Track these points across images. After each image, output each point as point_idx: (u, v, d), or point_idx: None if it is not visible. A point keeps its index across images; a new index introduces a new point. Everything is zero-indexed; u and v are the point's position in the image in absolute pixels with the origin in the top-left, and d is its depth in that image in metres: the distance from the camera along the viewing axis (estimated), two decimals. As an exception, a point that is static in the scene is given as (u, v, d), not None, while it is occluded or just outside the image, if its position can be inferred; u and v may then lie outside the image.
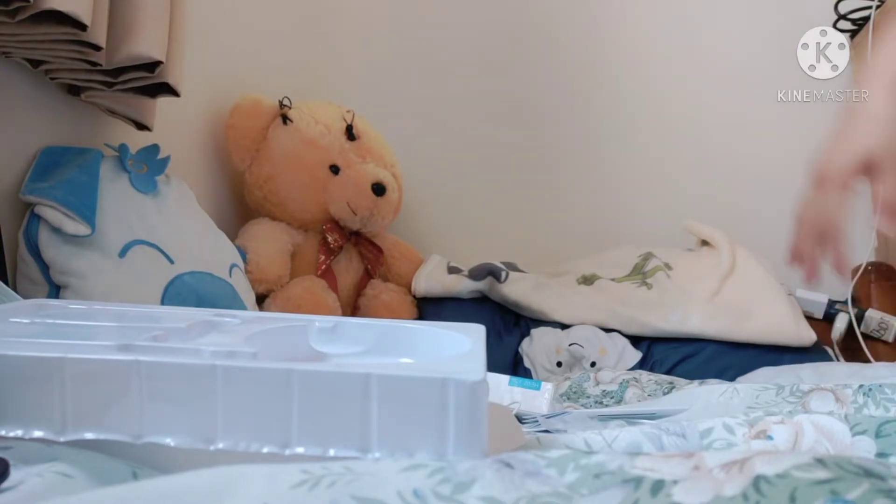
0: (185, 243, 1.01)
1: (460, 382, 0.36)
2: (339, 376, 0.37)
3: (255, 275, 1.21)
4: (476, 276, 1.25)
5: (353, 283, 1.35)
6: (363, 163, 1.33)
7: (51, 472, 0.34)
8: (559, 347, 1.13)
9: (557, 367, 1.13)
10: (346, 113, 1.37)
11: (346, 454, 0.37)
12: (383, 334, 0.52)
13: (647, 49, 1.14)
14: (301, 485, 0.31)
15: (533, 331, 1.20)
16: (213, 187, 1.34)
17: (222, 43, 1.30)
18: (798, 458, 0.30)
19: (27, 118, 0.92)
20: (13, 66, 0.88)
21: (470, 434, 0.36)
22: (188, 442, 0.37)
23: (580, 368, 1.13)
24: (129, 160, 0.99)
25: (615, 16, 1.57)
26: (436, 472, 0.33)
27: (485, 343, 0.46)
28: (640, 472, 0.32)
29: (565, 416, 0.66)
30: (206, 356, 0.39)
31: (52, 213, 0.85)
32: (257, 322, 0.51)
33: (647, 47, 1.15)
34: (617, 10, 1.57)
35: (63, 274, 0.86)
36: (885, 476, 0.28)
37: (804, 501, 0.27)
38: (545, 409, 0.76)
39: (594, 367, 1.12)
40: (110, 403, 0.38)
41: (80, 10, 0.76)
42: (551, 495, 0.32)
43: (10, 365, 0.38)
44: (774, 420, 0.48)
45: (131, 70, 0.90)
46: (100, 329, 0.49)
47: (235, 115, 1.29)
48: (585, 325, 1.17)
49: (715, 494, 0.30)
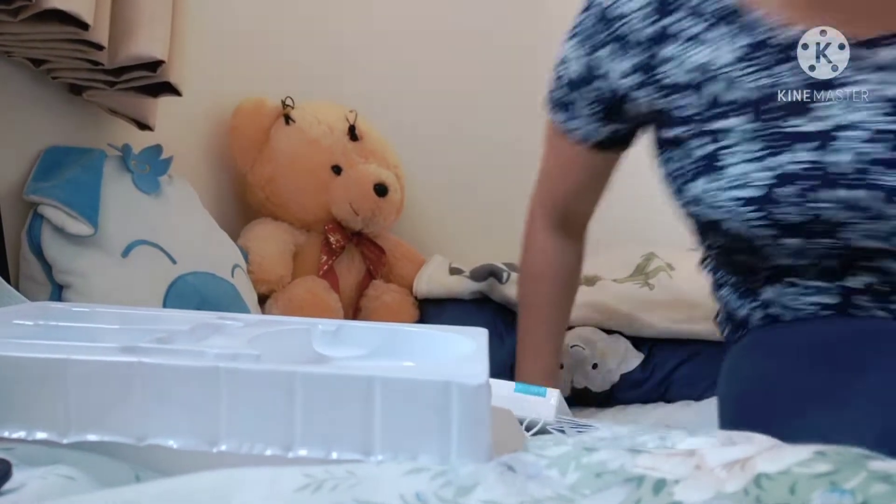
0: (188, 243, 1.01)
1: (463, 386, 0.36)
2: (342, 379, 0.37)
3: (257, 275, 1.21)
4: (477, 276, 1.25)
5: (355, 283, 1.35)
6: (365, 163, 1.33)
7: (53, 475, 0.34)
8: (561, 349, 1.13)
9: (559, 369, 1.13)
10: (349, 113, 1.37)
11: (349, 457, 0.37)
12: (386, 337, 0.52)
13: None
14: (304, 488, 0.31)
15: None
16: (215, 187, 1.34)
17: (225, 43, 1.30)
18: (799, 454, 0.30)
19: (29, 118, 0.92)
20: (15, 65, 0.88)
21: (473, 437, 0.36)
22: (191, 444, 0.37)
23: (581, 370, 1.13)
24: (132, 160, 0.99)
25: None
26: (438, 476, 0.33)
27: (487, 346, 0.46)
28: (642, 471, 0.32)
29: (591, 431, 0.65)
30: (210, 358, 0.39)
31: (55, 212, 0.85)
32: (260, 325, 0.51)
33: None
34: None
35: (65, 273, 0.86)
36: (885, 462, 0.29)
37: (804, 493, 0.28)
38: (551, 416, 0.75)
39: (595, 369, 1.12)
40: (113, 405, 0.38)
41: (82, 9, 0.76)
42: (553, 498, 0.32)
43: (13, 366, 0.38)
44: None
45: (133, 69, 0.90)
46: (103, 331, 0.50)
47: (238, 116, 1.29)
48: (586, 327, 1.17)
49: (716, 492, 0.30)
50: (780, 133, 0.65)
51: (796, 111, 0.65)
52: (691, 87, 0.71)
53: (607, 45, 0.76)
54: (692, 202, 0.72)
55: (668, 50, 0.72)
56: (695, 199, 0.71)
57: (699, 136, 0.70)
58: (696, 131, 0.71)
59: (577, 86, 0.82)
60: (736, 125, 0.67)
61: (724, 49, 0.68)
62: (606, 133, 0.84)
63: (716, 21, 0.69)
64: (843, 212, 0.63)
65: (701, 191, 0.70)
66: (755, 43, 0.67)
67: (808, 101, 0.65)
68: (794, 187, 0.64)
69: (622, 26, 0.74)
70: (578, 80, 0.82)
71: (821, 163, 0.63)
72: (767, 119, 0.66)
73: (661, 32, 0.72)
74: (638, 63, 0.74)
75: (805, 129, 0.64)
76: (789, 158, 0.64)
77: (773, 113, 0.66)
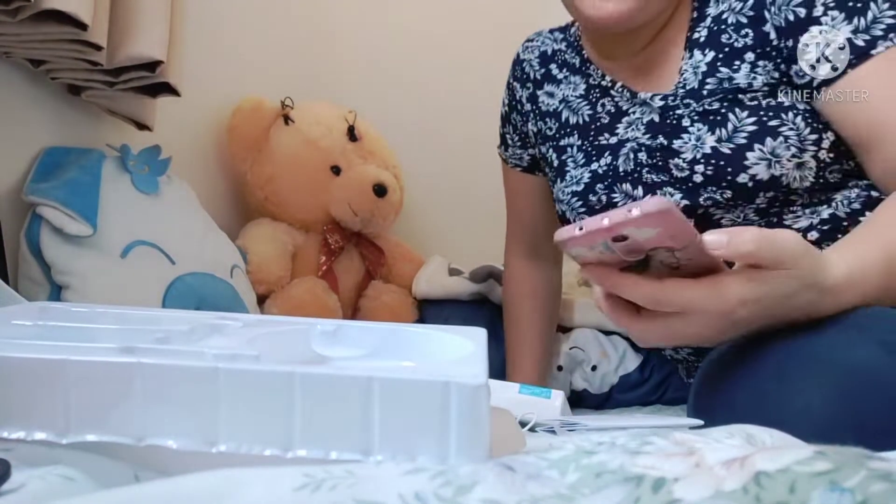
0: (187, 244, 1.01)
1: (462, 386, 0.36)
2: (342, 379, 0.37)
3: (256, 276, 1.21)
4: (477, 278, 1.25)
5: (355, 284, 1.35)
6: (365, 164, 1.33)
7: (52, 475, 0.34)
8: (559, 351, 1.13)
9: (558, 372, 1.13)
10: (348, 114, 1.37)
11: (348, 457, 0.37)
12: (385, 338, 0.52)
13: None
14: (303, 488, 0.31)
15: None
16: (214, 188, 1.34)
17: (224, 43, 1.30)
18: (799, 453, 0.30)
19: (28, 118, 0.92)
20: (14, 65, 0.88)
21: (472, 437, 0.36)
22: (190, 444, 0.37)
23: (581, 372, 1.13)
24: (130, 161, 0.99)
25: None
26: (437, 476, 0.33)
27: (486, 347, 0.46)
28: (642, 471, 0.32)
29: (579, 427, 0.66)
30: (209, 359, 0.39)
31: (54, 213, 0.85)
32: (259, 325, 0.51)
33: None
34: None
35: (64, 274, 0.86)
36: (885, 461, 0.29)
37: (803, 491, 0.28)
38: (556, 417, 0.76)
39: (594, 371, 1.12)
40: (112, 406, 0.38)
41: (80, 9, 0.76)
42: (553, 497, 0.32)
43: (12, 367, 0.38)
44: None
45: (132, 70, 0.90)
46: (102, 331, 0.49)
47: (237, 116, 1.29)
48: (585, 329, 1.17)
49: (716, 490, 0.30)
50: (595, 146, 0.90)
51: (604, 131, 0.89)
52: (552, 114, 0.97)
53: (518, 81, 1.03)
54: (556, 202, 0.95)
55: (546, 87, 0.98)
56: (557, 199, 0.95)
57: (555, 150, 0.96)
58: (553, 146, 0.96)
59: (506, 118, 1.07)
60: (573, 142, 0.93)
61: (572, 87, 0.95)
62: (528, 158, 1.06)
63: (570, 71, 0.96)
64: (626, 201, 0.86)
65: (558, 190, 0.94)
66: (589, 84, 0.92)
67: (610, 123, 0.89)
68: (600, 183, 0.88)
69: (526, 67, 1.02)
70: (506, 114, 1.07)
71: (612, 165, 0.87)
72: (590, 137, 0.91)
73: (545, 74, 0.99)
74: (528, 95, 1.01)
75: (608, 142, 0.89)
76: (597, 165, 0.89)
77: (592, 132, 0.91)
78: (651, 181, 0.84)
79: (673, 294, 0.53)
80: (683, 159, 0.79)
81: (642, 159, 0.84)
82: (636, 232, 0.49)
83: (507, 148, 1.08)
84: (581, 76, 0.94)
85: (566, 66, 0.96)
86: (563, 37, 0.99)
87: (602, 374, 1.12)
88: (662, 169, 0.82)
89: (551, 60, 0.98)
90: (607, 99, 0.89)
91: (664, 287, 0.53)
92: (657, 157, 0.82)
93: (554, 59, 0.98)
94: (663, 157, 0.82)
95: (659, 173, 0.83)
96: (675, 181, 0.81)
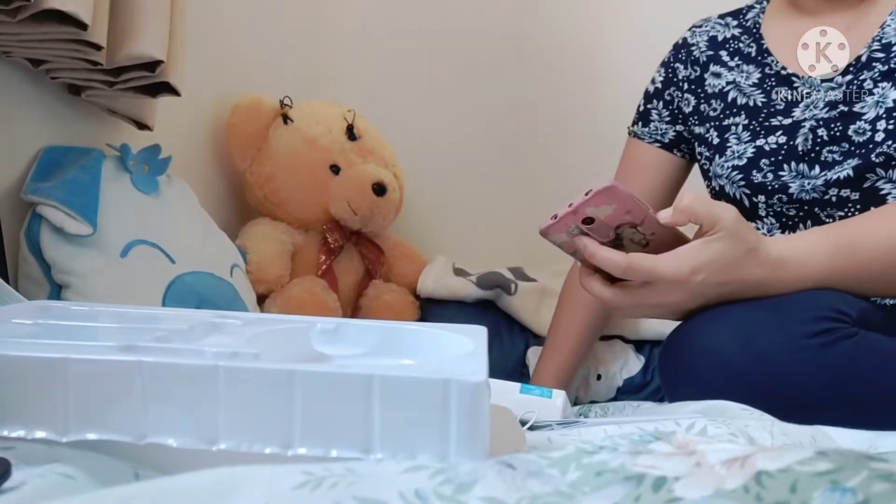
0: (187, 243, 1.01)
1: (462, 383, 0.36)
2: (342, 377, 0.37)
3: (256, 275, 1.21)
4: (484, 285, 1.24)
5: (354, 283, 1.35)
6: (364, 163, 1.33)
7: (53, 473, 0.34)
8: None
9: (597, 381, 1.13)
10: (347, 113, 1.37)
11: (348, 455, 0.37)
12: (385, 336, 0.52)
13: (652, 50, 1.14)
14: (303, 486, 0.31)
15: (536, 347, 1.19)
16: (213, 187, 1.34)
17: (223, 42, 1.30)
18: (800, 453, 0.30)
19: (28, 118, 0.92)
20: (14, 65, 0.88)
21: (472, 435, 0.36)
22: (190, 443, 0.37)
23: (584, 385, 1.13)
24: (130, 160, 0.99)
25: (620, 17, 1.57)
26: (437, 473, 0.33)
27: (486, 345, 0.46)
28: (642, 470, 0.32)
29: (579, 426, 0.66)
30: (209, 357, 0.39)
31: (54, 212, 0.85)
32: (259, 323, 0.51)
33: (653, 48, 1.15)
34: (622, 11, 1.57)
35: (64, 273, 0.86)
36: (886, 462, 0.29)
37: (805, 491, 0.28)
38: (557, 417, 0.76)
39: (599, 380, 1.12)
40: (113, 404, 0.38)
41: (80, 9, 0.76)
42: (553, 494, 0.32)
43: (12, 365, 0.38)
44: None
45: (132, 69, 0.90)
46: (102, 330, 0.49)
47: (236, 115, 1.29)
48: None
49: (716, 489, 0.30)
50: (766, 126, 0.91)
51: (777, 114, 0.91)
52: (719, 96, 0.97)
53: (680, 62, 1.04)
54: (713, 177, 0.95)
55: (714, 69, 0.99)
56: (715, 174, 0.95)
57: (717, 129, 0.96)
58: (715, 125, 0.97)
59: (656, 95, 1.06)
60: (738, 121, 0.94)
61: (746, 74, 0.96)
62: (672, 135, 1.05)
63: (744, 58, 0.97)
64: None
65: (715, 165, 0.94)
66: (765, 74, 0.93)
67: (785, 109, 0.90)
68: (766, 159, 0.89)
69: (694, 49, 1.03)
70: (656, 91, 1.06)
71: (790, 145, 0.87)
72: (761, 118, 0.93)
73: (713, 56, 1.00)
74: (694, 77, 1.01)
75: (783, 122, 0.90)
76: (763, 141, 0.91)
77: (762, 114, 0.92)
78: (831, 160, 0.83)
79: (639, 263, 0.65)
80: (865, 120, 0.81)
81: (822, 136, 0.84)
82: (597, 211, 0.63)
83: (649, 123, 1.06)
84: (756, 65, 0.94)
85: (738, 55, 0.97)
86: (738, 23, 1.00)
87: (607, 381, 1.12)
88: (841, 139, 0.83)
89: (721, 47, 0.99)
90: (784, 87, 0.90)
91: (632, 257, 0.65)
92: (836, 127, 0.83)
93: (725, 46, 0.99)
94: (843, 124, 0.82)
95: (838, 144, 0.83)
96: (854, 149, 0.82)
